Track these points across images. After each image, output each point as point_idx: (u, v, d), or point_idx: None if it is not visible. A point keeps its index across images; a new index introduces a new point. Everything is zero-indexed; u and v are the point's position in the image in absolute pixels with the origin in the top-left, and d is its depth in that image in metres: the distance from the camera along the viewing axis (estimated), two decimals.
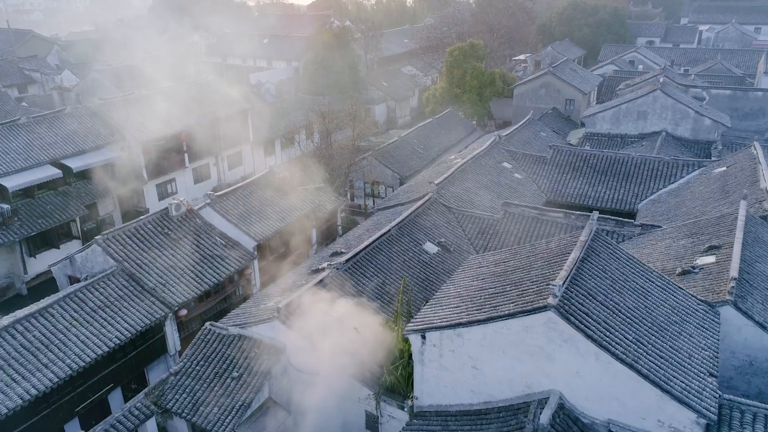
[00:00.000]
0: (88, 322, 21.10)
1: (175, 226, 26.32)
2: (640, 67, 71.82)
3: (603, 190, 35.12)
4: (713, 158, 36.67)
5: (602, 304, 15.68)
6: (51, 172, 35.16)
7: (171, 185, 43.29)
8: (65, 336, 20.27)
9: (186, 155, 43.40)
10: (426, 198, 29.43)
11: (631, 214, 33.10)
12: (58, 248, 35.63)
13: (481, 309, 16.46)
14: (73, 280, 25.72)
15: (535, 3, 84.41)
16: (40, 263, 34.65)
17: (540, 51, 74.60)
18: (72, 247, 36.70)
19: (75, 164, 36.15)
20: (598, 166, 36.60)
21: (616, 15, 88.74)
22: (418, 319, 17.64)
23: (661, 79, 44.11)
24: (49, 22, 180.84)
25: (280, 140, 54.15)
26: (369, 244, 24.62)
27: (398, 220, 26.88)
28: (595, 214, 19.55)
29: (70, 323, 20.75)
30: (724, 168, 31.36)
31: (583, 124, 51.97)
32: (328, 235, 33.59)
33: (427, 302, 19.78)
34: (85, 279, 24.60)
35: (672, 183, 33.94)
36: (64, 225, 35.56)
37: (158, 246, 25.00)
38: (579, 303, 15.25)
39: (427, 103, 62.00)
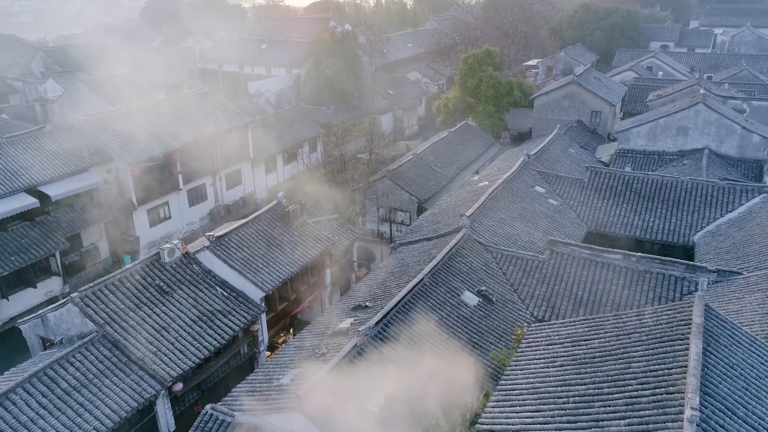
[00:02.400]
0: (59, 410, 16.96)
1: (168, 276, 22.19)
2: (660, 73, 68.12)
3: (651, 219, 31.21)
4: None
5: (744, 421, 11.68)
6: (26, 201, 30.89)
7: (164, 210, 39.09)
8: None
9: (180, 176, 39.20)
10: (460, 236, 25.39)
11: (687, 249, 29.25)
12: (35, 287, 31.41)
13: (575, 420, 12.43)
14: (45, 341, 21.56)
15: (552, 7, 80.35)
16: (14, 306, 30.40)
17: (557, 55, 70.65)
18: (51, 284, 32.55)
19: (54, 192, 31.91)
20: (642, 191, 32.72)
21: (630, 18, 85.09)
22: (486, 423, 13.61)
23: (702, 91, 40.27)
24: (38, 25, 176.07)
25: (283, 155, 50.04)
26: (400, 300, 20.56)
27: (431, 266, 22.84)
28: (704, 282, 15.55)
29: (37, 413, 16.61)
30: None
31: (611, 139, 48.15)
32: (343, 274, 29.52)
33: (487, 398, 15.72)
34: (60, 343, 20.45)
35: (730, 212, 30.08)
36: (42, 260, 31.29)
37: (148, 302, 20.87)
38: (719, 425, 11.23)
39: (438, 113, 58.00)
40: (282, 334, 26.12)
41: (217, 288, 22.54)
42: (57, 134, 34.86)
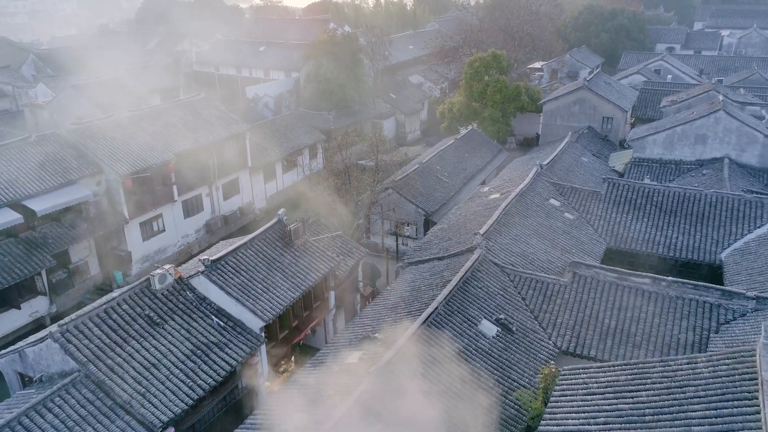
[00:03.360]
0: None
1: (159, 304, 20.30)
2: (669, 77, 66.42)
3: (674, 234, 29.41)
4: None
5: None
6: (10, 217, 28.97)
7: (157, 222, 37.18)
8: None
9: (175, 187, 37.30)
10: (475, 257, 23.55)
11: (714, 268, 27.46)
12: (19, 308, 29.58)
13: None
14: (24, 377, 19.66)
15: (560, 9, 78.41)
16: None
17: (563, 57, 68.84)
18: (37, 304, 30.69)
19: (40, 206, 29.98)
20: (663, 205, 30.92)
21: (635, 20, 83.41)
22: None
23: (721, 98, 38.52)
24: (34, 26, 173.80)
25: (282, 163, 48.18)
26: (414, 332, 18.72)
27: (445, 292, 20.99)
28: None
29: None
30: None
31: (625, 146, 46.40)
32: (348, 295, 27.65)
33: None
34: (40, 381, 18.56)
35: (759, 227, 28.30)
36: (26, 279, 29.38)
37: (136, 335, 18.98)
38: None
39: (442, 118, 56.19)
40: (283, 363, 24.25)
41: (213, 317, 20.65)
42: (43, 144, 32.93)
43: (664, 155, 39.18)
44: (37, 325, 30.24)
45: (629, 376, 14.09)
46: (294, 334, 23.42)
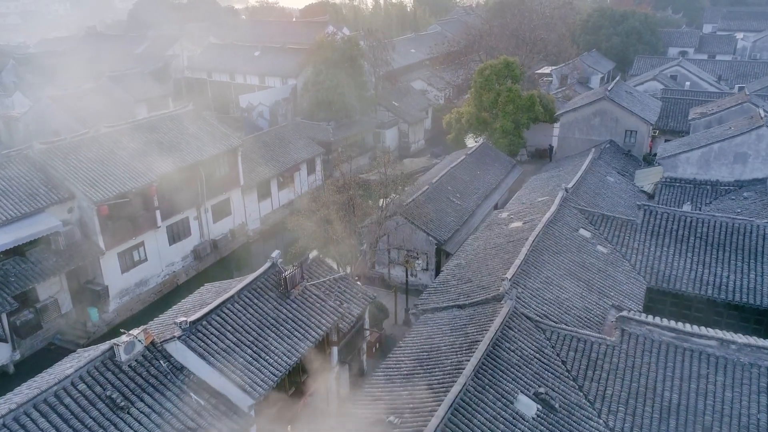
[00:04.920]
0: None
1: (126, 380, 16.56)
2: (687, 83, 62.92)
3: (725, 272, 25.77)
4: None
5: None
6: None
7: (138, 251, 33.44)
8: None
9: (158, 212, 33.56)
10: (505, 311, 19.87)
11: None
12: None
13: None
14: None
15: (576, 12, 74.69)
16: None
17: (575, 62, 65.25)
18: None
19: (0, 240, 26.21)
20: (710, 237, 27.28)
21: (647, 23, 79.92)
22: None
23: (762, 112, 34.94)
24: (26, 27, 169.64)
25: (278, 179, 44.49)
26: (442, 419, 15.04)
27: (474, 361, 17.30)
28: None
29: None
30: None
31: (653, 163, 42.78)
32: (352, 347, 23.93)
33: None
34: None
35: None
36: None
37: (95, 424, 15.23)
38: None
39: (448, 128, 52.52)
40: None
41: (192, 395, 16.92)
42: (6, 166, 29.13)
43: (699, 175, 35.59)
44: None
45: None
46: (289, 407, 19.68)
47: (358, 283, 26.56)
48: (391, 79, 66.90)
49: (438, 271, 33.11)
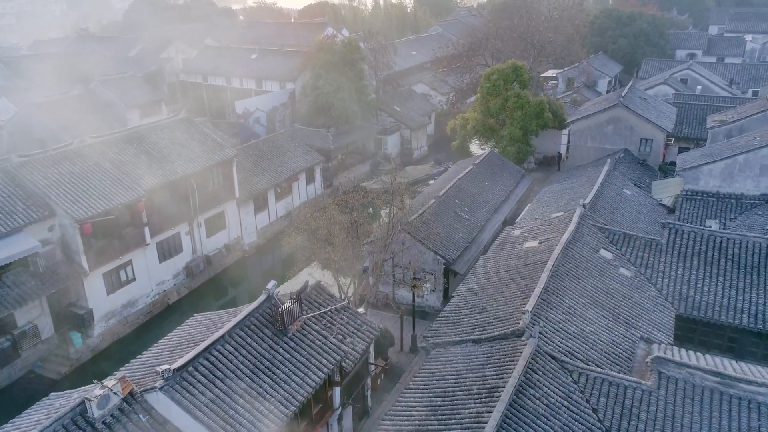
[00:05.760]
0: None
1: None
2: (699, 88, 61.02)
3: (760, 299, 23.70)
4: None
5: None
6: None
7: (126, 271, 31.31)
8: None
9: (147, 229, 31.42)
10: (528, 352, 17.77)
11: None
12: None
13: None
14: None
15: (586, 14, 72.47)
16: None
17: (583, 64, 63.14)
18: None
19: None
20: (742, 259, 25.22)
21: (655, 24, 77.87)
22: None
23: None
24: (22, 27, 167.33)
25: (275, 190, 42.38)
26: None
27: (496, 416, 15.20)
28: None
29: None
30: None
31: (663, 171, 40.80)
32: (356, 385, 21.80)
33: None
34: None
35: None
36: None
37: None
38: None
39: (453, 134, 50.45)
40: None
41: None
42: None
43: (722, 188, 33.52)
44: None
45: None
46: None
47: (362, 310, 24.50)
48: (392, 82, 64.79)
49: (446, 293, 31.06)
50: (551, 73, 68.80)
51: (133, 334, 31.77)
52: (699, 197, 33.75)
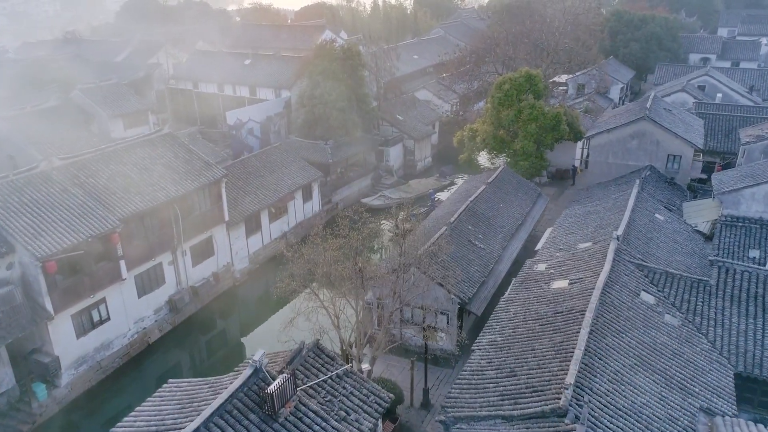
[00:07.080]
0: None
1: None
2: (719, 95, 57.53)
3: None
4: None
5: None
6: None
7: (99, 310, 27.72)
8: None
9: (122, 262, 27.85)
10: None
11: None
12: None
13: None
14: None
15: (601, 17, 69.01)
16: None
17: (598, 69, 59.74)
18: None
19: None
20: None
21: (668, 27, 74.50)
22: None
23: None
24: (13, 29, 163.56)
25: (269, 211, 38.86)
26: None
27: None
28: None
29: None
30: None
31: (693, 191, 37.40)
32: None
33: None
34: None
35: None
36: None
37: None
38: None
39: (460, 146, 46.99)
40: None
41: None
42: None
43: (766, 213, 30.11)
44: None
45: None
46: None
47: (366, 366, 21.05)
48: (394, 88, 61.29)
49: (460, 333, 27.52)
50: (561, 78, 65.44)
51: (108, 380, 28.23)
52: (740, 223, 30.26)
